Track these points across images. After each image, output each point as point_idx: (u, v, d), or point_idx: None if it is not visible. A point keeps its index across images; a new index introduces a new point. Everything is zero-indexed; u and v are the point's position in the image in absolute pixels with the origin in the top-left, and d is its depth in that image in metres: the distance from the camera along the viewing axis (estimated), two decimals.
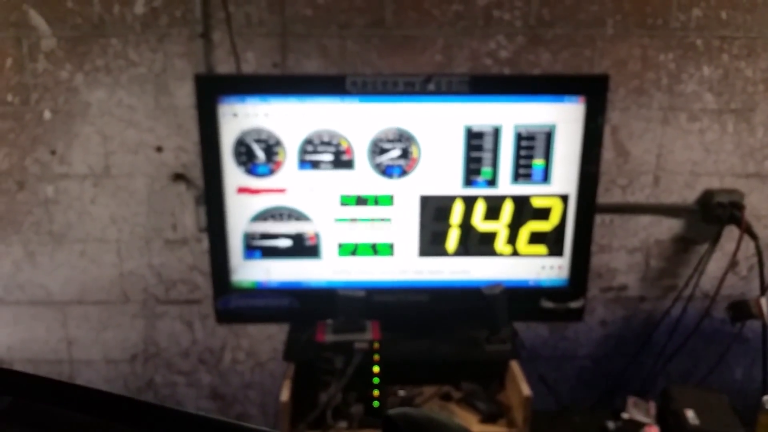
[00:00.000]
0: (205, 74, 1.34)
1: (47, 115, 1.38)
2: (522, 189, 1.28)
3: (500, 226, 1.30)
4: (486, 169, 1.26)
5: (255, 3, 1.33)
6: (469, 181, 1.27)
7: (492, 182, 1.27)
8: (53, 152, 1.40)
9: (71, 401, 0.45)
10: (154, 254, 1.47)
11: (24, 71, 1.36)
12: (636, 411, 1.34)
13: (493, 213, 1.29)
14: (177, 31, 1.34)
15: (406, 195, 1.27)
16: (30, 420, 0.44)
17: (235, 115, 1.21)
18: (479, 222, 1.29)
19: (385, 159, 1.25)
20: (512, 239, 1.31)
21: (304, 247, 1.29)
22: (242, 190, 1.26)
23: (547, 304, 1.35)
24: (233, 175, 1.25)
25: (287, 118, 1.22)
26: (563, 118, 1.24)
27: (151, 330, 1.54)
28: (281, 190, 1.26)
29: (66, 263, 1.48)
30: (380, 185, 1.27)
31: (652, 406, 1.34)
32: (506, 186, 1.27)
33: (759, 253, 1.42)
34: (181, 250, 1.47)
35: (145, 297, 1.51)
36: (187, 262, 1.48)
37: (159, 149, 1.41)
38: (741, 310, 1.47)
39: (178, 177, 1.42)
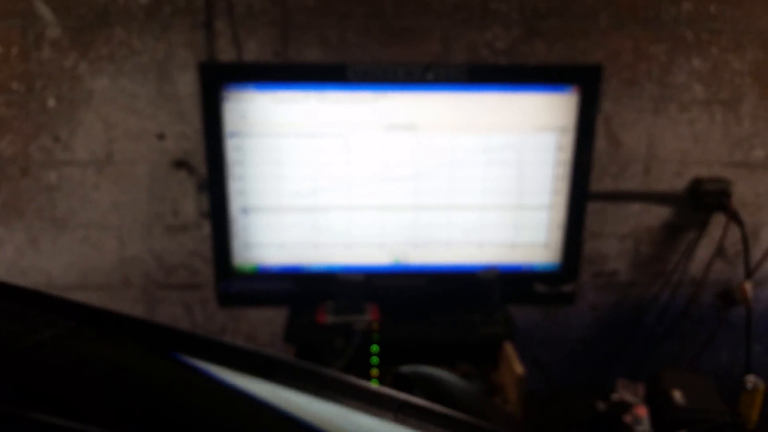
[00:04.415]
0: (209, 62, 1.36)
1: (51, 102, 1.40)
2: None
3: None
4: None
5: None
6: None
7: None
8: (57, 139, 1.43)
9: (129, 329, 0.49)
10: (155, 240, 1.50)
11: (29, 60, 1.38)
12: (625, 392, 1.37)
13: None
14: (180, 20, 1.36)
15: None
16: (94, 341, 0.47)
17: (237, 102, 1.24)
18: None
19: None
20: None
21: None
22: None
23: (540, 287, 1.39)
24: None
25: (288, 106, 1.25)
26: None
27: (151, 314, 1.57)
28: None
29: (68, 249, 1.50)
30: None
31: (641, 388, 1.37)
32: None
33: (745, 239, 1.46)
34: (182, 236, 1.50)
35: (146, 282, 1.53)
36: (187, 248, 1.51)
37: (161, 136, 1.43)
38: (728, 297, 1.52)
39: (180, 164, 1.45)
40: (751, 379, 1.30)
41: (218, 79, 1.23)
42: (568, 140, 1.30)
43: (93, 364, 0.46)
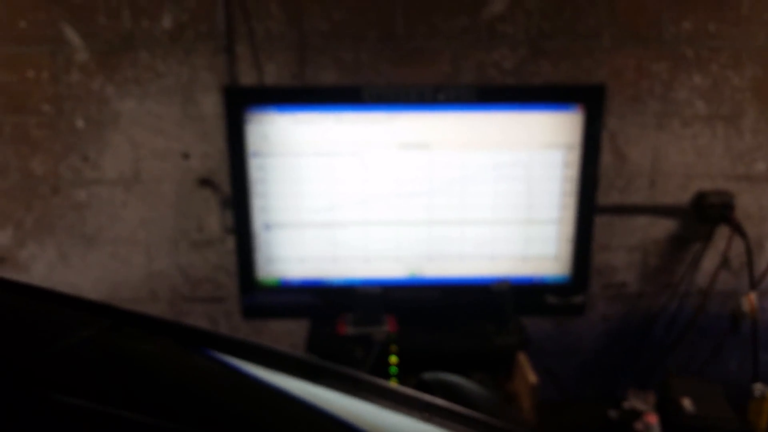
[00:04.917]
0: (233, 86, 1.43)
1: (80, 123, 1.47)
2: None
3: None
4: None
5: (275, 18, 1.42)
6: None
7: None
8: (86, 159, 1.49)
9: (159, 329, 0.54)
10: (181, 255, 1.56)
11: (59, 83, 1.45)
12: (636, 400, 1.39)
13: None
14: (203, 45, 1.43)
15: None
16: (127, 339, 0.53)
17: (260, 124, 1.31)
18: None
19: None
20: None
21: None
22: None
23: (551, 299, 1.44)
24: None
25: (308, 127, 1.31)
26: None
27: None
28: None
29: (97, 264, 1.56)
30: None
31: (652, 396, 1.39)
32: None
33: (748, 250, 1.50)
34: (207, 251, 1.56)
35: (172, 295, 1.59)
36: (212, 262, 1.57)
37: (186, 156, 1.50)
38: (736, 312, 1.54)
39: (204, 182, 1.51)
40: (759, 387, 1.33)
41: (242, 103, 1.29)
42: (574, 156, 1.35)
43: (133, 360, 0.51)
